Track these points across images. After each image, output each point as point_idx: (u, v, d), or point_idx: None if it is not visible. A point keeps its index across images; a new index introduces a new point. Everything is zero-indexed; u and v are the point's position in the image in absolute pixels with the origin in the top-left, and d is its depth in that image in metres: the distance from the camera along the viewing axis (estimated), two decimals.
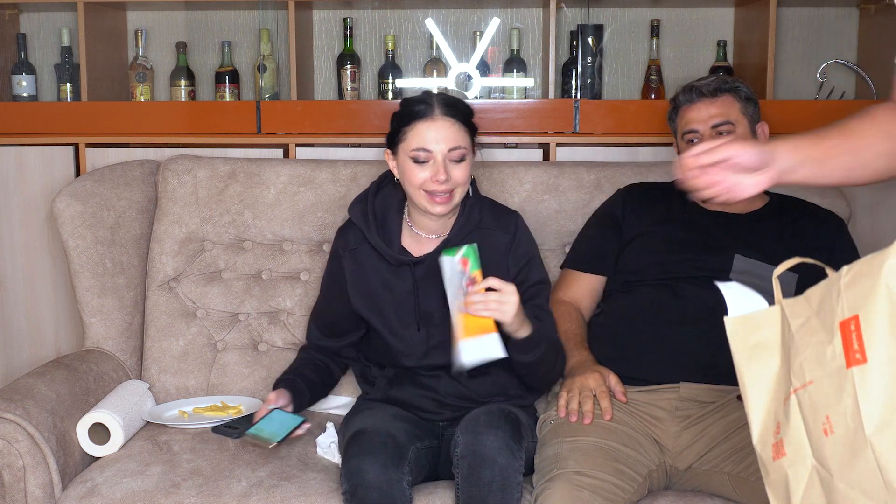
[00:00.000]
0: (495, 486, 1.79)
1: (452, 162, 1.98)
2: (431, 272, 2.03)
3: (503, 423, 1.85)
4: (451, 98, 2.03)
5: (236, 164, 2.53)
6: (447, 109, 1.99)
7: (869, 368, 1.15)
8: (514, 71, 2.96)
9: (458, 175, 1.99)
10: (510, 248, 2.07)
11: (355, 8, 3.08)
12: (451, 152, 1.97)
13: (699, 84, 2.24)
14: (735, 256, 2.15)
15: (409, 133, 1.99)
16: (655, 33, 2.97)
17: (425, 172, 1.98)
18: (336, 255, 2.15)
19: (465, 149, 1.99)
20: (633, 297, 2.19)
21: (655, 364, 2.08)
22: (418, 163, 1.98)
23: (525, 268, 2.08)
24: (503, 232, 2.08)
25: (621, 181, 2.44)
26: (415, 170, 1.98)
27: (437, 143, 1.97)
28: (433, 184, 1.97)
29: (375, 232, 2.08)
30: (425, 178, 1.98)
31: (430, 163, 1.97)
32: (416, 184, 1.99)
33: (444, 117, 1.98)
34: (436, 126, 1.97)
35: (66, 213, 2.36)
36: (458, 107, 2.01)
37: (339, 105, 2.85)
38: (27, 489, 1.96)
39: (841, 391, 1.18)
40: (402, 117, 2.01)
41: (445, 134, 1.97)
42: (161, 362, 2.42)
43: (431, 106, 1.98)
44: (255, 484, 1.96)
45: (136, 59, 3.00)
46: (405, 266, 2.06)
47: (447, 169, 1.97)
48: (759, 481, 1.83)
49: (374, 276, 2.09)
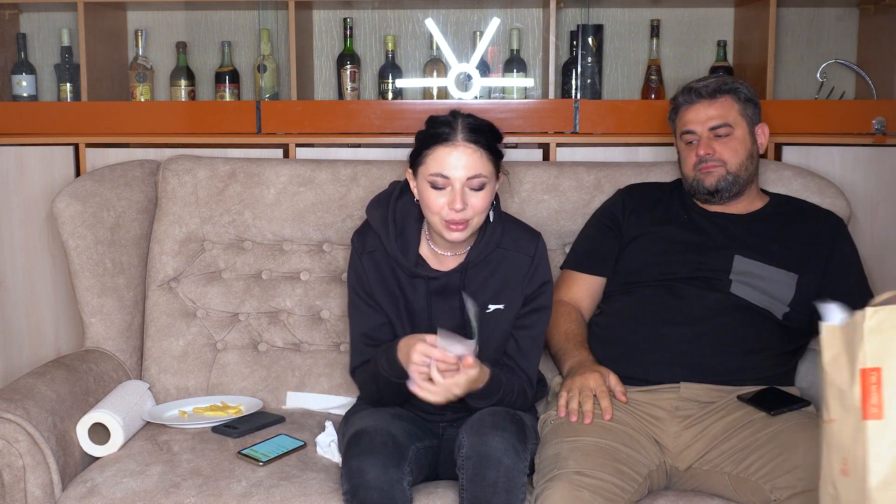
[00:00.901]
0: (500, 486, 1.80)
1: (471, 190, 1.91)
2: (447, 290, 2.01)
3: (508, 424, 1.85)
4: (476, 122, 1.94)
5: (236, 164, 2.53)
6: (470, 135, 1.90)
7: (883, 425, 1.15)
8: (514, 71, 2.96)
9: (476, 203, 1.92)
10: (527, 271, 2.03)
11: (355, 8, 3.08)
12: (470, 180, 1.90)
13: (698, 85, 2.23)
14: (735, 257, 2.15)
15: (428, 157, 1.92)
16: (655, 33, 2.97)
17: (442, 198, 1.91)
18: (355, 258, 2.08)
19: (486, 177, 1.91)
20: (633, 298, 2.19)
21: (655, 364, 2.08)
22: (436, 188, 1.91)
23: (536, 293, 2.04)
24: (523, 254, 2.03)
25: (621, 181, 2.44)
26: (432, 195, 1.92)
27: (455, 169, 1.89)
28: (450, 211, 1.91)
29: (394, 240, 2.02)
30: (442, 205, 1.91)
31: (448, 189, 1.91)
32: (433, 209, 1.93)
33: (465, 143, 1.90)
34: (456, 152, 1.90)
35: (66, 213, 2.36)
36: (482, 132, 1.93)
37: (339, 105, 2.85)
38: (27, 489, 1.96)
39: (855, 439, 1.19)
40: (424, 139, 1.94)
41: (466, 161, 1.89)
42: (161, 362, 2.42)
43: (454, 130, 1.91)
44: (255, 484, 1.96)
45: (136, 59, 3.00)
46: (420, 279, 2.03)
47: (465, 197, 1.90)
48: (759, 481, 1.84)
49: (392, 280, 2.05)
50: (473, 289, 2.01)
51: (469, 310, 1.88)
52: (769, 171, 2.42)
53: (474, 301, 1.91)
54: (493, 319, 2.01)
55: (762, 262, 2.14)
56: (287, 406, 2.39)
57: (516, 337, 2.04)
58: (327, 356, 2.42)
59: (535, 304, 2.04)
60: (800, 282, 2.14)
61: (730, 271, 2.14)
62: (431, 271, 2.03)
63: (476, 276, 2.02)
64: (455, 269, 2.02)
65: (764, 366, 2.09)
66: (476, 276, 2.02)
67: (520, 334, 2.03)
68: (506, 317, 2.02)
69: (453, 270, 2.02)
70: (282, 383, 2.41)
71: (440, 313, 2.02)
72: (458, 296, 2.00)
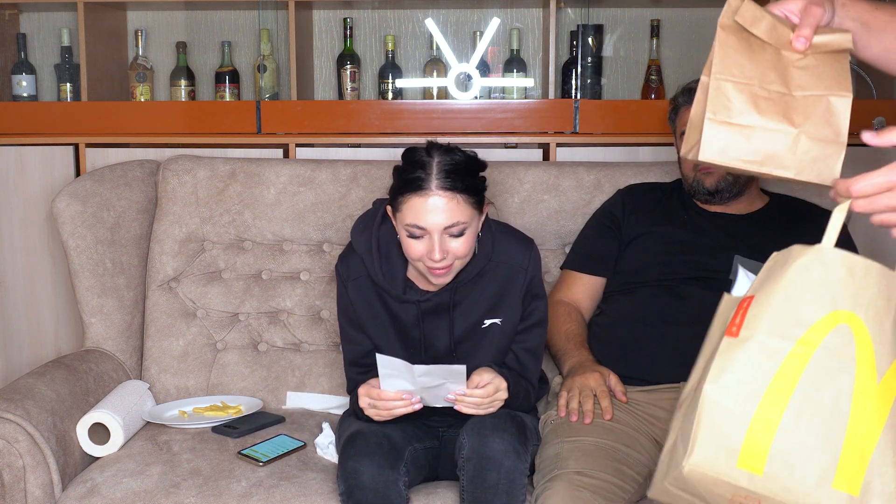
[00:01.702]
0: (501, 488, 1.79)
1: (451, 237, 1.84)
2: (439, 309, 1.98)
3: (509, 425, 1.84)
4: (452, 163, 1.82)
5: (236, 164, 2.53)
6: (445, 181, 1.80)
7: (735, 342, 1.28)
8: (514, 71, 2.96)
9: (457, 249, 1.85)
10: (523, 285, 1.99)
11: (355, 8, 3.08)
12: (448, 229, 1.82)
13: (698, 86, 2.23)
14: (735, 257, 2.15)
15: (404, 205, 1.83)
16: (655, 33, 2.97)
17: (421, 246, 1.84)
18: (342, 285, 2.04)
19: (466, 223, 1.83)
20: (633, 298, 2.19)
21: (655, 364, 2.08)
22: (414, 238, 1.85)
23: (531, 307, 2.01)
24: (517, 267, 1.98)
25: (621, 181, 2.44)
26: (411, 243, 1.85)
27: (432, 219, 1.81)
28: (430, 260, 1.85)
29: (379, 267, 1.96)
30: (422, 252, 1.84)
31: (426, 238, 1.83)
32: (413, 257, 1.87)
33: (440, 192, 1.80)
34: (431, 202, 1.80)
35: (66, 213, 2.36)
36: (459, 174, 1.82)
37: (339, 105, 2.85)
38: (27, 489, 1.96)
39: (712, 351, 1.32)
40: (400, 183, 1.85)
41: (442, 210, 1.80)
42: (161, 362, 2.42)
43: (429, 176, 1.80)
44: (255, 484, 1.96)
45: (136, 59, 3.00)
46: (410, 303, 2.00)
47: (444, 245, 1.83)
48: None
49: (379, 305, 2.00)
50: (466, 305, 1.97)
51: None
52: None
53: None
54: (491, 335, 1.99)
55: (762, 262, 2.14)
56: (287, 406, 2.39)
57: (515, 351, 2.01)
58: (327, 356, 2.42)
59: (531, 321, 2.01)
60: None
61: (730, 271, 2.14)
62: (421, 294, 1.98)
63: (468, 292, 1.98)
64: (445, 288, 1.97)
65: None
66: (468, 293, 1.98)
67: (518, 349, 2.01)
68: (504, 331, 1.99)
69: (443, 289, 1.97)
70: (282, 383, 2.41)
71: (433, 331, 1.99)
72: (449, 313, 1.98)
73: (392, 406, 1.85)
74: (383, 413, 1.87)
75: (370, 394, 1.87)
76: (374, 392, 1.86)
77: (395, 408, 1.86)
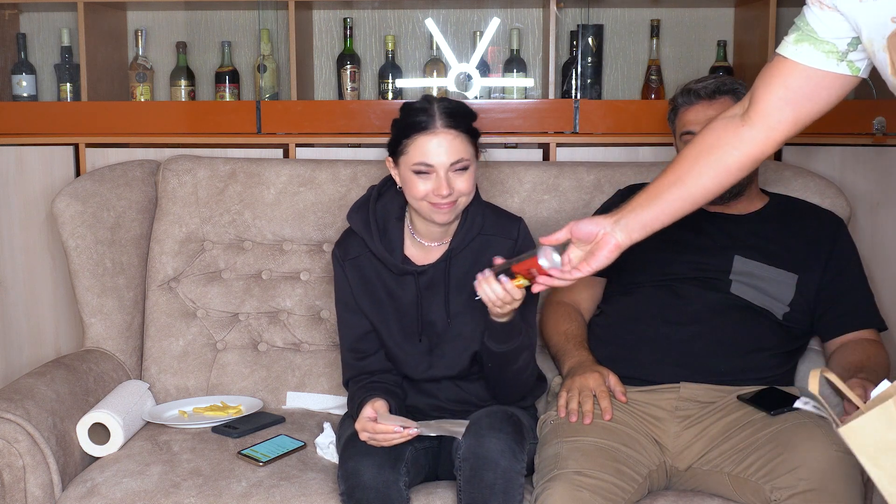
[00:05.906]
0: (497, 488, 1.80)
1: (455, 172, 1.93)
2: (435, 282, 2.02)
3: (505, 425, 1.85)
4: (452, 106, 1.95)
5: (236, 164, 2.53)
6: (448, 120, 1.92)
7: None
8: (514, 71, 2.96)
9: (461, 186, 1.94)
10: (512, 254, 2.01)
11: (355, 8, 3.08)
12: (453, 165, 1.92)
13: (697, 86, 2.23)
14: (735, 257, 2.15)
15: (409, 146, 1.93)
16: (655, 33, 2.97)
17: (428, 185, 1.92)
18: (339, 267, 2.08)
19: (468, 159, 1.94)
20: (633, 298, 2.19)
21: (655, 364, 2.08)
22: (420, 174, 1.93)
23: None
24: (506, 238, 2.05)
25: (621, 181, 2.44)
26: (417, 182, 1.93)
27: (438, 156, 1.91)
28: (436, 196, 1.92)
29: (378, 240, 2.04)
30: (427, 191, 1.92)
31: (433, 176, 1.92)
32: (418, 196, 1.94)
33: (445, 130, 1.91)
34: (437, 139, 1.91)
35: (66, 213, 2.36)
36: (460, 115, 1.94)
37: (339, 105, 2.84)
38: (27, 489, 1.96)
39: None
40: (403, 128, 1.95)
41: (447, 147, 1.91)
42: (161, 362, 2.42)
43: (433, 117, 1.92)
44: (255, 484, 1.96)
45: (136, 59, 3.00)
46: (409, 275, 2.04)
47: (450, 182, 1.92)
48: (758, 481, 1.84)
49: (378, 284, 2.05)
50: (460, 276, 2.01)
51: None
52: (769, 171, 2.42)
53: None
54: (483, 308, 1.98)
55: (762, 262, 2.14)
56: (287, 406, 2.39)
57: None
58: (327, 356, 2.42)
59: None
60: (800, 282, 2.14)
61: (730, 271, 2.14)
62: (419, 267, 2.04)
63: (461, 263, 2.02)
64: (440, 259, 2.03)
65: (764, 366, 2.09)
66: (461, 264, 2.02)
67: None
68: None
69: (439, 260, 2.03)
70: (282, 383, 2.41)
71: (430, 307, 2.03)
72: (444, 288, 2.01)
73: (391, 438, 1.85)
74: (381, 441, 1.87)
75: (367, 428, 1.86)
76: (370, 426, 1.86)
77: (393, 440, 1.85)
